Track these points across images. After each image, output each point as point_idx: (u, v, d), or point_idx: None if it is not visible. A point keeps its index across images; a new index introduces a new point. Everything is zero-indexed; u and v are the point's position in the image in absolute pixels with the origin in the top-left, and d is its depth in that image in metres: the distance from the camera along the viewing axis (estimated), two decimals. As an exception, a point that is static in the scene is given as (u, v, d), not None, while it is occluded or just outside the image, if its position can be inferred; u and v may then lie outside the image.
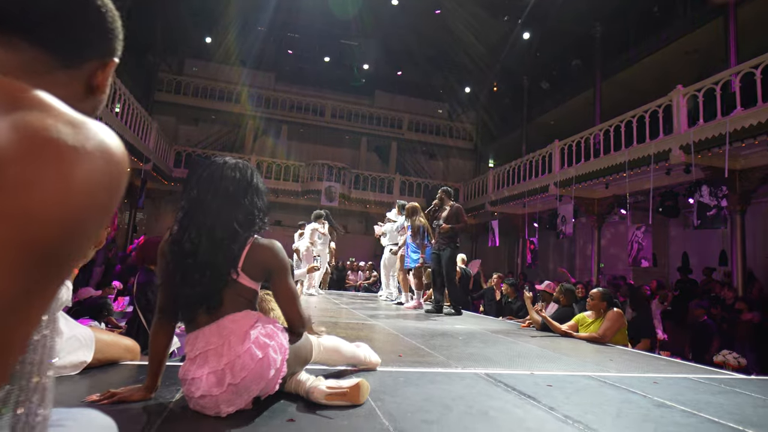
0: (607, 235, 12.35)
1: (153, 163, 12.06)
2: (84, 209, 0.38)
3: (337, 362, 1.98)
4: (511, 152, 15.42)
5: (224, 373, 1.37)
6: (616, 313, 3.82)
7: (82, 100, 0.55)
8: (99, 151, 0.39)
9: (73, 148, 0.37)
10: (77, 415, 0.74)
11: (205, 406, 1.39)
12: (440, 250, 5.38)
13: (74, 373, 1.77)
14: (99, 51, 0.57)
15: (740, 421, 1.71)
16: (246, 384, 1.38)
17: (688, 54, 10.63)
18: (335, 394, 1.53)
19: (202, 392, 1.38)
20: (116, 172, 0.40)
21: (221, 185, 1.51)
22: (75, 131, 0.38)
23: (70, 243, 0.38)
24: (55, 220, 0.36)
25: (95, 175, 0.38)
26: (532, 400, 1.81)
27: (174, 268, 1.49)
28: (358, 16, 13.93)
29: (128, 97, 10.40)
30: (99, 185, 0.39)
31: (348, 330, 3.47)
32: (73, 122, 0.39)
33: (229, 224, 1.48)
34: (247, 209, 1.53)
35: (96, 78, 0.57)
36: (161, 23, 14.58)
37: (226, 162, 1.58)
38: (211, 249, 1.46)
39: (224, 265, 1.46)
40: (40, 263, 0.36)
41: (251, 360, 1.38)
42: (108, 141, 0.41)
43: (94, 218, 0.39)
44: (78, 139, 0.38)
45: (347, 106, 17.68)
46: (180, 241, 1.49)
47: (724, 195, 7.28)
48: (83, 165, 0.37)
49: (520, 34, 13.69)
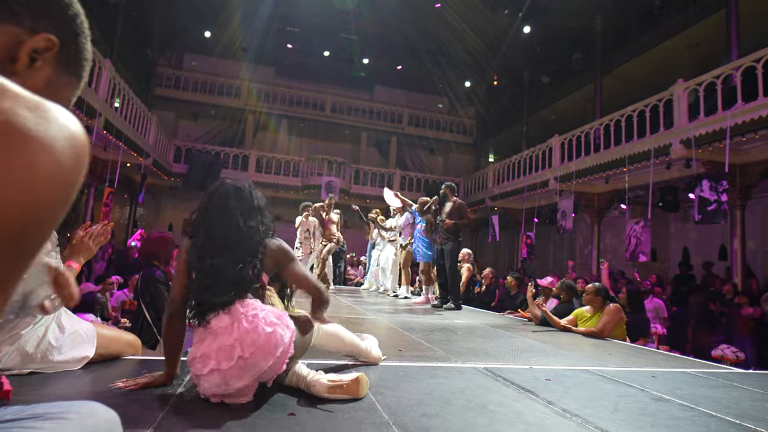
0: (608, 230, 12.34)
1: (153, 159, 12.04)
2: (48, 195, 0.37)
3: (336, 348, 1.98)
4: (511, 147, 15.39)
5: (234, 348, 1.43)
6: (614, 308, 3.84)
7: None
8: (61, 136, 0.37)
9: (35, 133, 0.36)
10: (80, 408, 0.75)
11: (213, 382, 1.43)
12: (443, 244, 5.43)
13: (77, 368, 1.78)
14: (16, 11, 0.50)
15: (738, 415, 1.73)
16: (255, 359, 1.43)
17: (690, 47, 10.58)
18: (336, 386, 1.57)
19: (211, 367, 1.43)
20: (79, 156, 0.39)
21: (231, 221, 1.62)
22: (35, 115, 0.36)
23: (33, 230, 0.37)
24: (22, 208, 0.35)
25: (58, 160, 0.37)
26: (530, 394, 1.83)
27: (201, 286, 1.58)
28: (358, 9, 13.86)
29: (127, 92, 10.36)
30: (62, 170, 0.37)
31: (348, 325, 3.45)
32: (32, 105, 0.37)
33: (243, 254, 1.60)
34: (256, 232, 1.64)
35: (20, 50, 0.49)
36: (160, 18, 14.50)
37: (228, 191, 1.67)
38: (233, 270, 1.57)
39: (249, 281, 1.59)
40: (8, 249, 0.35)
41: (260, 335, 1.45)
42: (69, 125, 0.39)
43: (58, 204, 0.38)
44: (39, 123, 0.36)
45: (347, 100, 17.62)
46: (209, 268, 1.59)
47: (724, 190, 7.27)
48: (46, 150, 0.36)
49: (520, 28, 13.62)
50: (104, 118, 8.70)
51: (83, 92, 7.13)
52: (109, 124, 8.96)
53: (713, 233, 10.33)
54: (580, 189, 10.58)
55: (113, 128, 9.16)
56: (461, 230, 5.55)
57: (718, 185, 7.23)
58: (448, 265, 5.38)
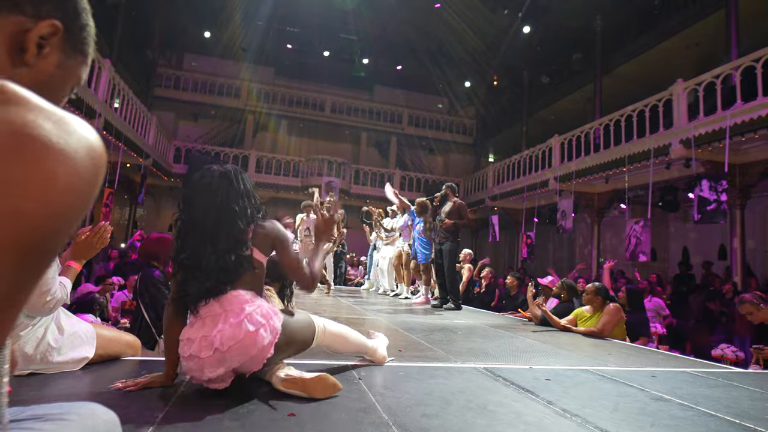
0: (607, 229, 12.35)
1: (153, 159, 12.04)
2: (68, 206, 0.38)
3: (343, 348, 1.98)
4: (510, 147, 15.39)
5: (214, 339, 1.46)
6: (614, 308, 3.84)
7: (5, 70, 0.48)
8: (81, 147, 0.39)
9: (56, 145, 0.37)
10: (80, 409, 0.75)
11: (191, 367, 1.49)
12: (441, 244, 5.44)
13: (76, 369, 1.78)
14: (17, 1, 0.49)
15: (737, 414, 1.73)
16: (231, 354, 1.47)
17: (689, 47, 10.59)
18: (290, 381, 1.60)
19: (190, 353, 1.48)
20: (97, 167, 0.40)
21: (213, 203, 1.58)
22: (57, 127, 0.37)
23: (53, 239, 0.38)
24: (41, 218, 0.36)
25: (78, 171, 0.38)
26: (530, 394, 1.83)
27: (184, 278, 1.59)
28: (358, 9, 13.86)
29: (127, 93, 10.37)
30: (81, 181, 0.38)
31: (348, 325, 3.48)
32: (55, 118, 0.38)
33: (227, 239, 1.57)
34: (241, 217, 1.60)
35: (27, 39, 0.49)
36: (160, 18, 14.50)
37: (213, 176, 1.64)
38: (218, 261, 1.55)
39: (236, 267, 1.57)
40: (25, 261, 0.36)
41: (241, 332, 1.47)
42: (88, 136, 0.40)
43: (76, 213, 0.39)
44: (61, 135, 0.37)
45: (347, 100, 17.62)
46: (184, 261, 1.59)
47: (724, 189, 7.27)
48: (67, 162, 0.37)
49: (520, 28, 13.63)
50: (104, 118, 8.70)
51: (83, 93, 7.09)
52: (108, 124, 8.96)
53: (713, 233, 10.34)
54: (579, 189, 10.58)
55: (113, 129, 9.17)
56: (460, 231, 5.57)
57: (717, 185, 7.23)
58: (447, 266, 5.39)
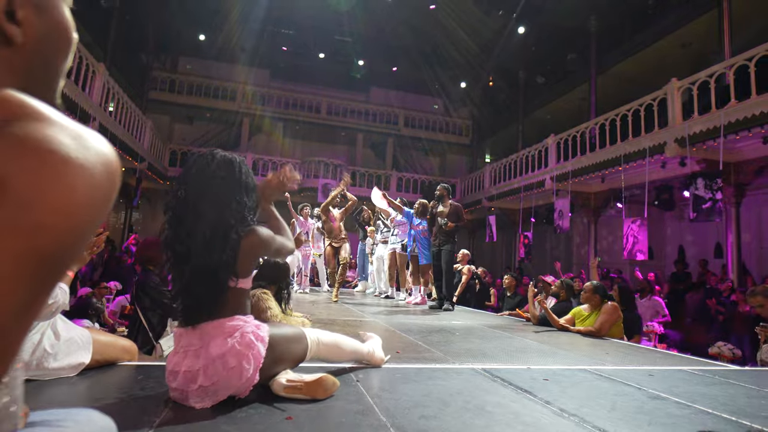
0: (604, 228, 12.39)
1: (148, 163, 12.01)
2: (86, 218, 0.39)
3: (338, 358, 1.96)
4: (507, 147, 15.43)
5: (198, 374, 1.45)
6: (611, 307, 3.85)
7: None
8: (98, 161, 0.40)
9: (76, 160, 0.38)
10: (77, 415, 0.74)
11: (177, 398, 1.48)
12: (440, 246, 5.46)
13: (73, 375, 1.77)
14: None
15: (734, 411, 1.74)
16: (215, 388, 1.45)
17: (683, 46, 10.65)
18: (291, 387, 1.57)
19: (176, 385, 1.47)
20: (112, 180, 0.42)
21: (210, 186, 1.50)
22: (75, 141, 0.39)
23: (71, 251, 0.40)
24: (62, 231, 0.37)
25: (95, 185, 0.39)
26: (528, 395, 1.83)
27: (175, 277, 1.56)
28: (353, 11, 13.86)
29: (122, 96, 10.34)
30: (99, 194, 0.40)
31: (345, 327, 3.48)
32: (72, 132, 0.39)
33: (218, 228, 1.48)
34: (236, 210, 1.53)
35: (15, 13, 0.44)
36: (154, 21, 14.47)
37: (215, 158, 1.55)
38: (205, 253, 1.47)
39: (222, 271, 1.49)
40: (44, 271, 0.38)
41: (223, 368, 1.45)
42: (105, 150, 0.42)
43: (93, 225, 0.41)
44: (79, 150, 0.39)
45: (343, 102, 17.61)
46: (171, 245, 1.52)
47: (719, 187, 7.31)
48: (86, 176, 0.39)
49: (514, 29, 13.66)
50: (98, 122, 8.67)
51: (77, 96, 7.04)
52: (103, 128, 8.93)
53: (709, 231, 10.39)
54: (576, 188, 10.62)
55: (108, 132, 9.13)
56: (457, 232, 5.61)
57: (712, 183, 7.28)
58: (446, 267, 5.42)
